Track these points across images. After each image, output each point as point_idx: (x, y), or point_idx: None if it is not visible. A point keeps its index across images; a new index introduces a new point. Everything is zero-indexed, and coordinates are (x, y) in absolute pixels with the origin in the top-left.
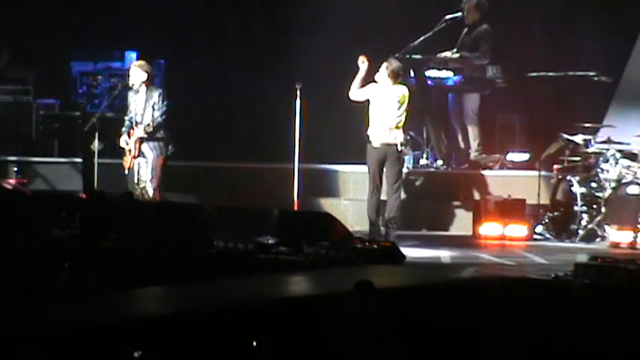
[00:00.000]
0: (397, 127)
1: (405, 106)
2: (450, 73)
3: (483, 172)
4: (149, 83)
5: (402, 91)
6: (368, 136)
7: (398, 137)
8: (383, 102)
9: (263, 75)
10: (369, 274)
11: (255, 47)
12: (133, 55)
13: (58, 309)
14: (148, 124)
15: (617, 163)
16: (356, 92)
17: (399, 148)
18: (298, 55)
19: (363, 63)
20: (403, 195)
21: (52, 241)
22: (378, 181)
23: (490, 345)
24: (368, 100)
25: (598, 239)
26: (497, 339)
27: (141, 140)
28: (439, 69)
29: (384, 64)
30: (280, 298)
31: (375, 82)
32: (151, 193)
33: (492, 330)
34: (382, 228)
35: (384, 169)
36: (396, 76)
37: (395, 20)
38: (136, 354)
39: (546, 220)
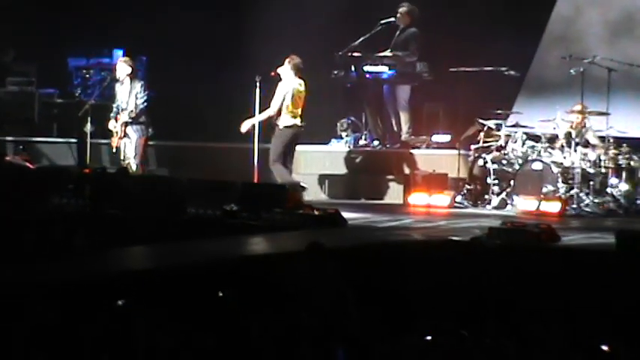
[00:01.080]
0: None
1: (303, 95)
2: (385, 68)
3: (413, 150)
4: (133, 76)
5: (301, 83)
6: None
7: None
8: (286, 92)
9: (229, 69)
10: (318, 235)
11: (223, 45)
12: (120, 52)
13: (60, 266)
14: (132, 111)
15: (523, 143)
16: (279, 103)
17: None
18: (258, 52)
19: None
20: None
21: (63, 209)
22: None
23: (415, 297)
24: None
25: (508, 207)
26: (422, 292)
27: (126, 124)
28: (376, 65)
29: (287, 59)
30: (243, 256)
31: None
32: (134, 168)
33: (417, 285)
34: None
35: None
36: (297, 70)
37: (339, 23)
38: (119, 302)
39: (465, 191)
